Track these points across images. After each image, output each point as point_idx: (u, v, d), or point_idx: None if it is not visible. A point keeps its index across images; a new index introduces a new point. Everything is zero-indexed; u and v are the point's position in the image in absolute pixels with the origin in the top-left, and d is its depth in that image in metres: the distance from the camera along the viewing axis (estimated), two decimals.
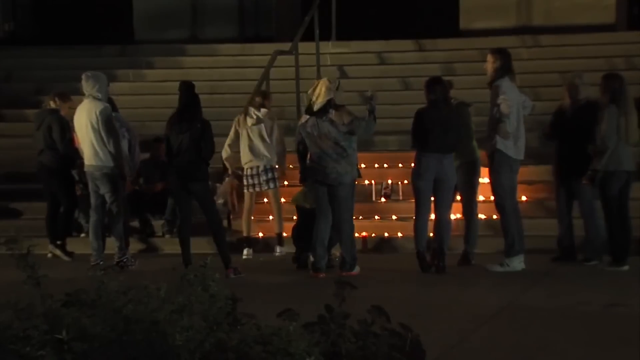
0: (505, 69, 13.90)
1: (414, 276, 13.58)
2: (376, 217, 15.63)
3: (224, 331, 6.36)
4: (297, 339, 6.26)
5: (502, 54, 14.14)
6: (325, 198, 13.67)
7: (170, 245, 15.54)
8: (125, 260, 14.16)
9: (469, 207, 14.49)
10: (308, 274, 13.72)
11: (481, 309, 11.39)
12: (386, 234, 15.57)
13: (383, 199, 16.29)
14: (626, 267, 13.50)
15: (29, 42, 22.78)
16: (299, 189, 14.81)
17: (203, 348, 6.10)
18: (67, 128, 15.46)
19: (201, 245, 14.62)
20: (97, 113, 14.10)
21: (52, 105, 15.78)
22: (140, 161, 16.03)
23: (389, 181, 16.32)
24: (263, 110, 15.29)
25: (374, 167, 16.77)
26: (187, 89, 14.16)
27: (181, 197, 14.29)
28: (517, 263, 13.74)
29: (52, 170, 15.64)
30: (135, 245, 15.43)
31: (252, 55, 19.69)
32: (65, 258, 15.10)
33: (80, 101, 14.55)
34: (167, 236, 16.04)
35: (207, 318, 6.42)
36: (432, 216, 13.97)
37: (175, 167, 14.07)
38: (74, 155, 15.37)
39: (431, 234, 13.98)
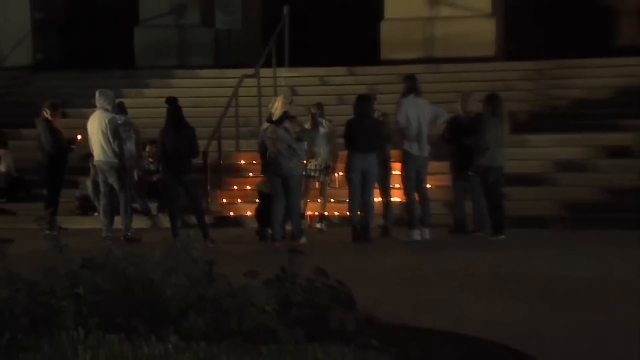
0: (409, 89, 14.12)
1: (347, 245, 13.59)
2: (318, 200, 15.57)
3: (203, 287, 6.34)
4: (258, 293, 6.26)
5: (406, 78, 14.48)
6: (280, 186, 13.69)
7: (162, 222, 15.48)
8: (129, 234, 14.12)
9: (385, 192, 14.59)
10: (268, 243, 13.71)
11: (397, 269, 11.43)
12: (326, 213, 15.53)
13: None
14: (503, 237, 13.63)
15: (55, 67, 22.65)
16: (260, 178, 14.78)
17: (187, 300, 6.08)
18: (54, 133, 15.46)
19: (186, 223, 14.62)
20: (106, 121, 14.17)
21: (45, 114, 15.68)
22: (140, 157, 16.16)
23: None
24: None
25: None
26: (172, 103, 14.29)
27: (173, 185, 14.27)
28: (416, 235, 13.84)
29: (42, 166, 15.66)
30: (136, 222, 15.32)
31: (224, 78, 19.61)
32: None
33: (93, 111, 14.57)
34: (160, 215, 15.93)
35: (190, 277, 6.40)
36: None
37: (168, 162, 14.14)
38: (60, 154, 15.46)
39: (359, 213, 13.98)
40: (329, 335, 5.69)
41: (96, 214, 15.69)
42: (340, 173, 15.36)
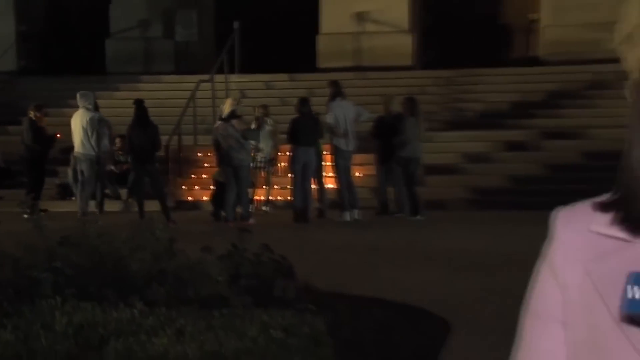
0: (335, 93, 14.30)
1: (289, 225, 13.55)
2: (264, 187, 15.56)
3: (164, 261, 6.30)
4: (213, 266, 6.24)
5: (332, 84, 14.60)
6: (231, 175, 13.67)
7: (131, 206, 15.34)
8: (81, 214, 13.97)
9: (320, 180, 14.59)
10: (221, 224, 13.64)
11: (331, 245, 11.43)
12: (271, 198, 15.52)
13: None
14: (419, 217, 13.71)
15: (37, 73, 22.34)
16: (215, 169, 14.76)
17: (151, 272, 6.04)
18: (35, 130, 15.30)
19: (151, 206, 14.51)
20: (87, 120, 14.21)
21: (30, 114, 15.55)
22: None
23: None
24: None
25: None
26: (139, 104, 14.39)
27: (139, 174, 14.32)
28: (347, 216, 13.86)
29: (23, 158, 15.52)
30: (108, 206, 15.20)
31: (184, 83, 19.44)
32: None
33: (74, 111, 14.57)
34: (129, 200, 15.79)
35: (154, 253, 6.36)
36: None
37: (135, 154, 14.20)
38: (40, 148, 15.29)
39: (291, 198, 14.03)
40: (273, 302, 5.69)
41: (73, 198, 15.51)
42: (283, 164, 15.40)
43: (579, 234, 1.46)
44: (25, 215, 14.32)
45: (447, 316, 7.04)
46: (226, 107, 13.94)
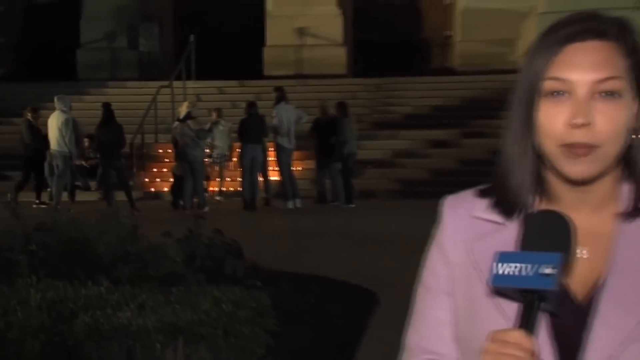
0: (280, 97, 14.29)
1: (239, 212, 13.49)
2: (218, 179, 15.49)
3: (128, 244, 6.20)
4: (171, 248, 6.18)
5: (277, 89, 14.57)
6: (188, 169, 13.61)
7: (100, 196, 15.13)
8: (58, 207, 13.63)
9: (266, 174, 14.52)
10: (179, 212, 13.51)
11: (276, 229, 11.43)
12: (223, 189, 15.44)
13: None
14: (353, 205, 13.70)
15: (15, 79, 21.90)
16: (174, 163, 14.63)
17: (116, 254, 5.93)
18: (33, 131, 14.98)
19: (117, 196, 14.33)
20: (63, 121, 13.96)
21: (27, 116, 15.21)
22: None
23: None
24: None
25: None
26: (106, 107, 14.33)
27: (106, 168, 14.19)
28: (289, 204, 13.82)
29: (22, 156, 15.17)
30: (80, 196, 14.98)
31: (146, 88, 19.15)
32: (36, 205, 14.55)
33: (50, 113, 14.35)
34: (97, 191, 15.58)
35: (119, 237, 6.26)
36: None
37: (103, 151, 14.12)
38: (37, 146, 14.89)
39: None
40: (224, 279, 5.64)
41: (49, 189, 15.23)
42: (234, 159, 15.33)
43: (462, 218, 1.48)
44: (34, 206, 14.17)
45: (376, 290, 7.06)
46: (183, 110, 13.99)
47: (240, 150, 14.20)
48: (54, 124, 14.02)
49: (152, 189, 16.04)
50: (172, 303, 4.22)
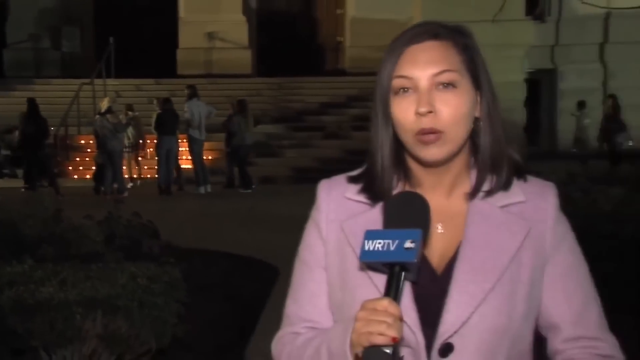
0: (192, 94, 14.05)
1: (155, 197, 13.25)
2: (135, 167, 15.19)
3: (52, 226, 6.02)
4: (92, 229, 6.02)
5: (189, 87, 14.30)
6: (107, 158, 13.36)
7: (26, 183, 14.60)
8: None
9: (177, 162, 14.29)
10: (100, 197, 13.15)
11: (189, 212, 11.31)
12: (141, 176, 15.16)
13: (140, 158, 15.78)
14: (250, 190, 13.67)
15: None
16: (95, 152, 14.33)
17: (40, 236, 5.74)
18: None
19: (43, 183, 13.91)
20: None
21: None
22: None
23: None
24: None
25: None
26: (31, 102, 13.96)
27: (32, 157, 13.72)
28: (201, 190, 13.67)
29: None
30: (8, 183, 14.47)
31: (69, 85, 18.49)
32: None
33: None
34: (24, 178, 15.03)
35: (44, 219, 6.07)
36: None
37: (29, 142, 13.67)
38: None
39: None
40: (141, 257, 5.53)
41: None
42: (150, 149, 15.05)
43: (336, 200, 1.50)
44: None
45: (277, 264, 7.08)
46: (103, 105, 13.72)
47: (156, 141, 13.98)
48: None
49: (76, 176, 15.62)
50: (92, 278, 4.11)
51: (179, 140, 14.22)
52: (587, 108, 16.87)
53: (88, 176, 14.94)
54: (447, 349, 1.33)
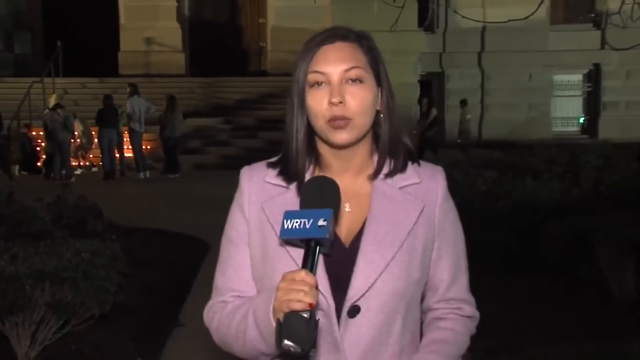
0: (133, 91, 13.67)
1: (100, 182, 12.82)
2: (82, 156, 14.67)
3: (4, 207, 5.72)
4: (42, 210, 5.78)
5: (130, 85, 13.91)
6: (57, 148, 13.00)
7: None
8: None
9: (121, 151, 13.91)
10: (50, 181, 12.65)
11: (130, 194, 11.00)
12: (87, 163, 14.67)
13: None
14: (177, 175, 13.39)
15: None
16: (46, 143, 13.76)
17: None
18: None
19: None
20: None
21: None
22: None
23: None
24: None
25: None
26: None
27: None
28: (140, 175, 13.30)
29: None
30: None
31: (22, 83, 17.57)
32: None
33: None
34: None
35: None
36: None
37: None
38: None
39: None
40: (86, 235, 5.34)
41: None
42: (95, 140, 14.57)
43: (257, 183, 1.48)
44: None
45: (207, 240, 6.97)
46: (52, 100, 13.25)
47: (99, 133, 13.62)
48: None
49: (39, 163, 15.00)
50: (40, 254, 3.92)
51: (122, 132, 13.85)
52: (468, 105, 17.38)
53: (39, 164, 14.33)
54: (354, 310, 1.34)
